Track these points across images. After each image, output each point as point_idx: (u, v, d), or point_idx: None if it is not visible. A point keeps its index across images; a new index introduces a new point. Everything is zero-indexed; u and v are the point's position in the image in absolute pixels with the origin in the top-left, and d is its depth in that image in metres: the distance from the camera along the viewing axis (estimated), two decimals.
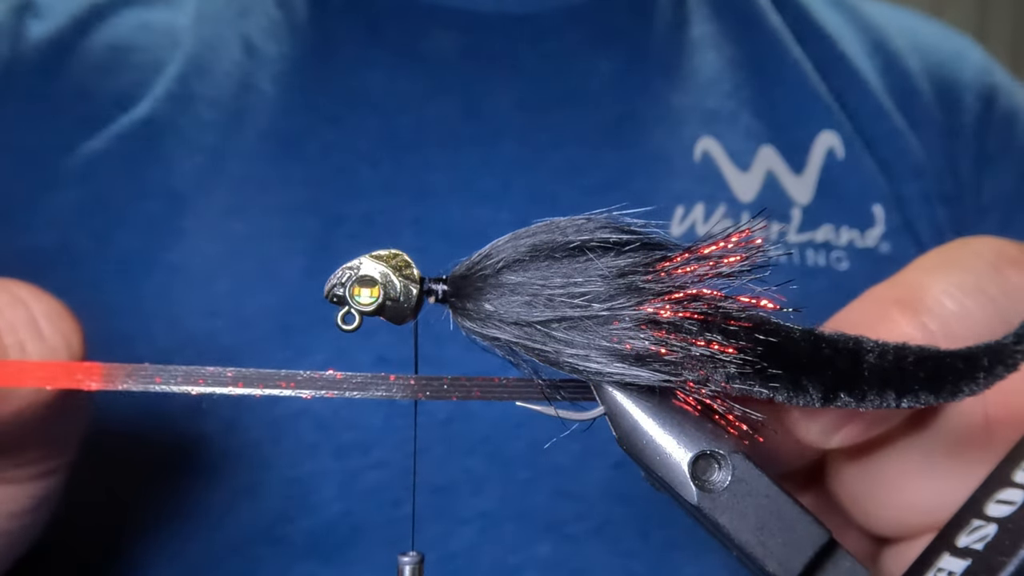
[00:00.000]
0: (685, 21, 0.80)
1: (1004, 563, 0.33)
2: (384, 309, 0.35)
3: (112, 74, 0.75)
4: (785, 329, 0.35)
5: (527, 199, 0.74)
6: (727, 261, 0.34)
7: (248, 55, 0.76)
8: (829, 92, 0.79)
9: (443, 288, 0.36)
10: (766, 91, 0.79)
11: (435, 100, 0.77)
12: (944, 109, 0.81)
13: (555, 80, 0.78)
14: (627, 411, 0.35)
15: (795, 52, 0.80)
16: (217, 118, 0.74)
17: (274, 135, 0.75)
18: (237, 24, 0.78)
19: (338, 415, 0.71)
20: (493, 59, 0.78)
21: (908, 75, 0.81)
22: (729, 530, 0.34)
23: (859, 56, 0.81)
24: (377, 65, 0.77)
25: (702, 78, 0.78)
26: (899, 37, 0.84)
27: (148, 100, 0.74)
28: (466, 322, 0.36)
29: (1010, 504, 0.35)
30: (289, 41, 0.77)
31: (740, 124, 0.77)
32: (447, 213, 0.73)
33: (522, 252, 0.35)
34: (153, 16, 0.78)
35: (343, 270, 0.35)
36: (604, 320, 0.34)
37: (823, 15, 0.83)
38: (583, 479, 0.71)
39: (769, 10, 0.82)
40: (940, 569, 0.34)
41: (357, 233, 0.72)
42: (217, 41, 0.77)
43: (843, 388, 0.35)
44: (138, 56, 0.76)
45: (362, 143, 0.75)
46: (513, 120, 0.76)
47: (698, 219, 0.73)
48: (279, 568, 0.69)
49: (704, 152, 0.75)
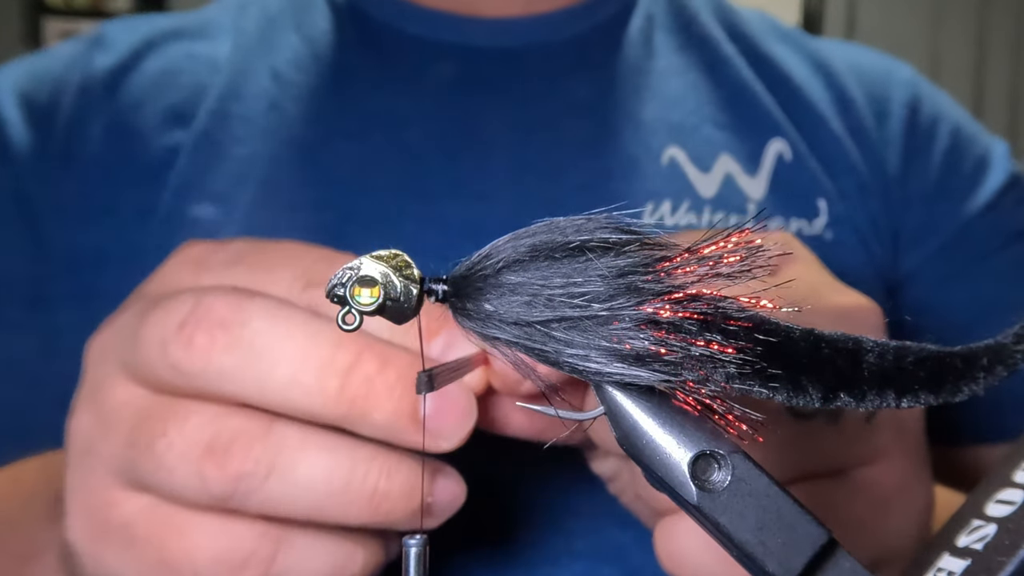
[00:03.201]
0: (652, 54, 0.90)
1: (1004, 563, 0.32)
2: (385, 309, 0.34)
3: (163, 93, 0.85)
4: (785, 329, 0.34)
5: (516, 201, 0.80)
6: (727, 261, 0.34)
7: (275, 81, 0.85)
8: (777, 106, 0.88)
9: (443, 288, 0.35)
10: (723, 107, 0.88)
11: (436, 119, 0.84)
12: (876, 116, 0.92)
13: (541, 102, 0.86)
14: (627, 411, 0.34)
15: (747, 74, 0.89)
16: (248, 133, 0.82)
17: (297, 144, 0.82)
18: (266, 56, 0.86)
19: None
20: (486, 85, 0.86)
21: (845, 89, 0.91)
22: (729, 530, 0.33)
23: (803, 76, 0.91)
24: (386, 89, 0.85)
25: (668, 98, 0.87)
26: (838, 61, 0.94)
27: (197, 118, 0.83)
28: (466, 322, 0.35)
29: (1010, 504, 0.34)
30: (312, 70, 0.86)
31: (701, 135, 0.85)
32: (446, 213, 0.79)
33: (522, 252, 0.34)
34: (197, 47, 0.88)
35: (344, 270, 0.34)
36: (604, 320, 0.33)
37: (771, 46, 0.93)
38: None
39: (724, 41, 0.91)
40: (940, 569, 0.33)
41: (368, 228, 0.78)
42: (249, 69, 0.85)
43: (843, 388, 0.34)
44: (186, 79, 0.85)
45: (372, 153, 0.82)
46: (504, 136, 0.83)
47: (666, 213, 0.81)
48: None
49: (671, 158, 0.83)
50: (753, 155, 0.86)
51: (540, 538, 0.72)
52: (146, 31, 0.89)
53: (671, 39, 0.91)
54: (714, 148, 0.85)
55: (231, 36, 0.89)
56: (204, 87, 0.85)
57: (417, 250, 0.37)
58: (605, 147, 0.84)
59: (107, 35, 0.89)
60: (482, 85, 0.86)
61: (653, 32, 0.91)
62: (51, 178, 0.82)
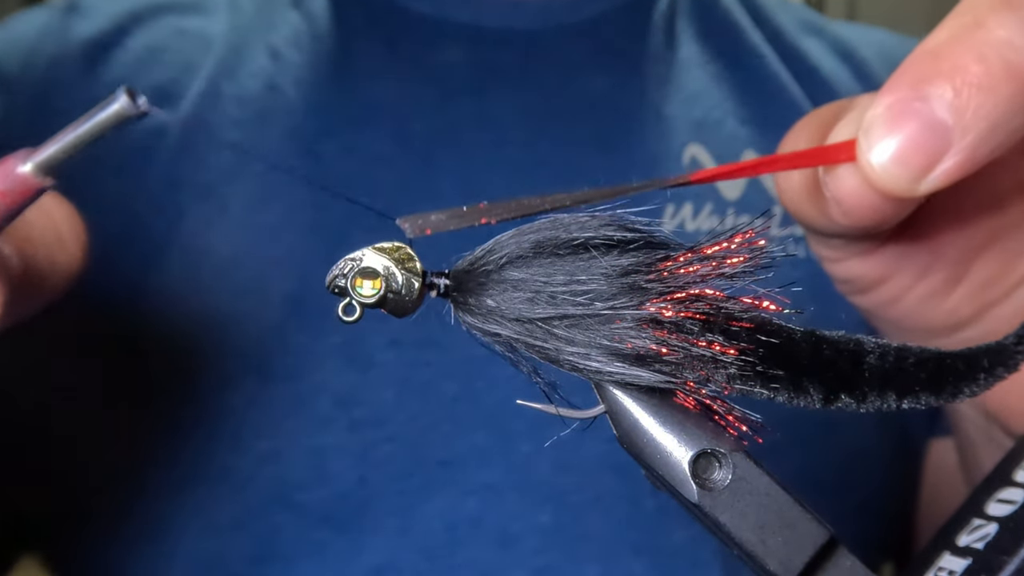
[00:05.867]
0: (674, 42, 0.83)
1: (1005, 562, 0.32)
2: (386, 301, 0.33)
3: (149, 71, 0.77)
4: (787, 330, 0.33)
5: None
6: (730, 262, 0.33)
7: (273, 60, 0.78)
8: (806, 98, 0.82)
9: (445, 282, 0.34)
10: (748, 101, 0.81)
11: (445, 108, 0.78)
12: None
13: (555, 91, 0.80)
14: (627, 409, 0.33)
15: (774, 65, 0.83)
16: (244, 115, 0.76)
17: (296, 134, 0.76)
18: (264, 33, 0.80)
19: (354, 392, 0.71)
20: (499, 71, 0.80)
21: (876, 79, 0.85)
22: (730, 528, 0.32)
23: (831, 67, 0.85)
24: (392, 75, 0.79)
25: (690, 91, 0.81)
26: (865, 47, 0.88)
27: (185, 99, 0.76)
28: (467, 317, 0.34)
29: (1011, 503, 0.33)
30: (311, 50, 0.79)
31: (725, 131, 0.79)
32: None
33: (525, 248, 0.33)
34: (188, 23, 0.81)
35: (345, 261, 0.33)
36: (606, 319, 0.32)
37: (796, 36, 0.86)
38: (581, 452, 0.71)
39: (750, 28, 0.84)
40: (941, 568, 0.33)
41: (372, 227, 0.72)
42: (244, 46, 0.79)
43: (844, 389, 0.33)
44: (173, 56, 0.78)
45: (377, 145, 0.76)
46: (517, 126, 0.78)
47: (687, 216, 0.75)
48: (296, 532, 0.70)
49: (692, 157, 0.77)
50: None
51: (553, 562, 0.70)
52: (133, 1, 0.81)
53: (692, 26, 0.85)
54: (738, 145, 0.79)
55: (226, 11, 0.82)
56: (194, 66, 0.78)
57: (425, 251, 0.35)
58: (624, 143, 0.79)
59: (84, 0, 0.81)
60: (493, 71, 0.80)
61: (676, 18, 0.84)
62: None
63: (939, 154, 0.31)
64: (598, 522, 0.71)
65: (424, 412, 0.71)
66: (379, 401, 0.71)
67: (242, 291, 0.73)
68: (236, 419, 0.71)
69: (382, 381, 0.71)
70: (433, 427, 0.71)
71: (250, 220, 0.74)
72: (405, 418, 0.71)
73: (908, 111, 0.30)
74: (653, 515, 0.71)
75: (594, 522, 0.71)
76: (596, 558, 0.71)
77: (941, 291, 0.46)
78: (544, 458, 0.71)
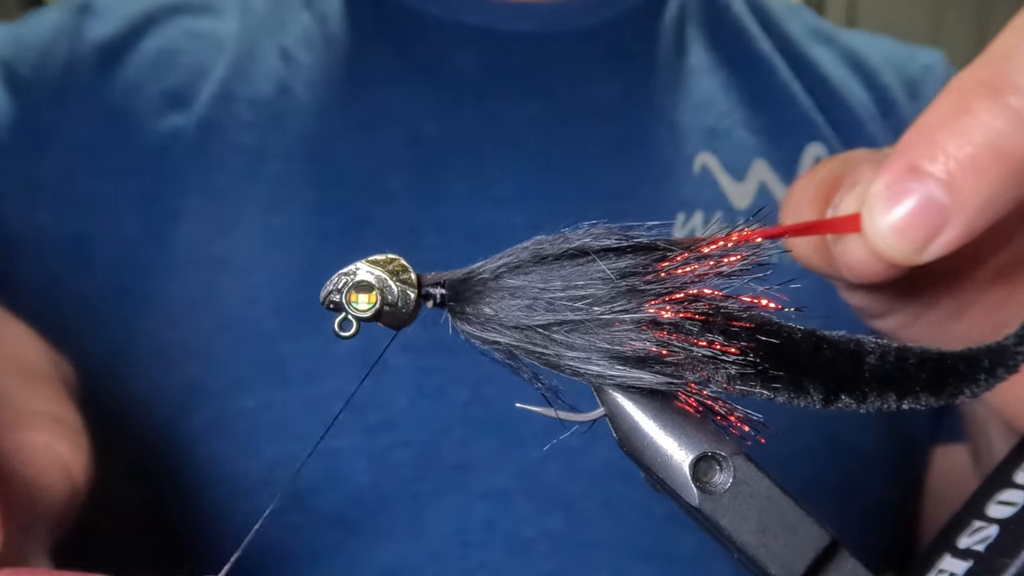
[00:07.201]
0: (684, 49, 0.82)
1: (1006, 564, 0.31)
2: (382, 315, 0.33)
3: (163, 74, 0.77)
4: (787, 330, 0.33)
5: (542, 205, 0.74)
6: (727, 261, 0.32)
7: (285, 62, 0.77)
8: (815, 107, 0.81)
9: (441, 292, 0.33)
10: (758, 110, 0.81)
11: (457, 112, 0.77)
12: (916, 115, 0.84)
13: (566, 95, 0.79)
14: (628, 412, 0.32)
15: (784, 74, 0.82)
16: (256, 118, 0.75)
17: (308, 138, 0.75)
18: (275, 34, 0.79)
19: (370, 397, 0.71)
20: (510, 75, 0.79)
21: (886, 88, 0.84)
22: (730, 532, 0.31)
23: (841, 76, 0.84)
24: (404, 78, 0.78)
25: (700, 99, 0.80)
26: (875, 56, 0.87)
27: (198, 101, 0.75)
28: (465, 326, 0.33)
29: (1012, 505, 0.32)
30: (323, 52, 0.79)
31: (735, 140, 0.79)
32: (467, 216, 0.74)
33: (522, 256, 0.33)
34: (200, 24, 0.80)
35: (339, 276, 0.33)
36: (605, 322, 0.32)
37: (806, 44, 0.85)
38: (591, 458, 0.71)
39: (760, 37, 0.84)
40: (942, 570, 0.32)
41: (385, 231, 0.73)
42: (256, 48, 0.78)
43: (844, 389, 0.33)
44: (186, 59, 0.77)
45: (389, 149, 0.75)
46: (528, 130, 0.77)
47: (697, 225, 0.74)
48: (311, 535, 0.69)
49: (702, 166, 0.77)
50: (789, 161, 0.79)
51: (563, 567, 0.70)
52: (146, 2, 0.80)
53: (702, 33, 0.84)
54: (748, 154, 0.78)
55: (237, 12, 0.81)
56: (206, 68, 0.77)
57: (439, 258, 0.35)
58: (636, 150, 0.78)
59: (96, 1, 0.80)
60: (506, 76, 0.79)
61: (685, 24, 0.84)
62: (26, 155, 0.74)
63: (939, 228, 0.32)
64: (608, 528, 0.71)
65: (436, 417, 0.71)
66: (393, 406, 0.71)
67: (256, 296, 0.72)
68: (249, 423, 0.71)
69: (395, 386, 0.71)
70: (445, 432, 0.71)
71: (263, 223, 0.73)
72: (417, 423, 0.71)
73: (907, 190, 0.32)
74: (663, 521, 0.71)
75: (604, 528, 0.71)
76: (606, 564, 0.71)
77: (955, 315, 0.46)
78: (554, 463, 0.70)
